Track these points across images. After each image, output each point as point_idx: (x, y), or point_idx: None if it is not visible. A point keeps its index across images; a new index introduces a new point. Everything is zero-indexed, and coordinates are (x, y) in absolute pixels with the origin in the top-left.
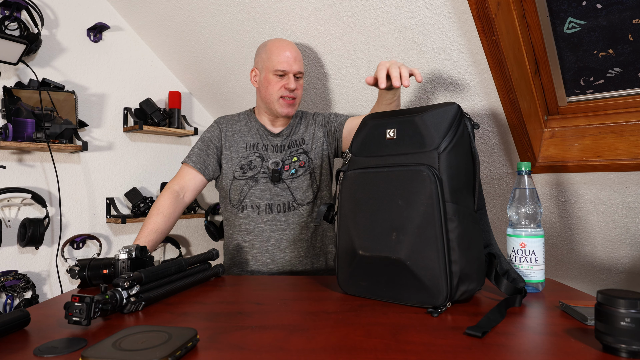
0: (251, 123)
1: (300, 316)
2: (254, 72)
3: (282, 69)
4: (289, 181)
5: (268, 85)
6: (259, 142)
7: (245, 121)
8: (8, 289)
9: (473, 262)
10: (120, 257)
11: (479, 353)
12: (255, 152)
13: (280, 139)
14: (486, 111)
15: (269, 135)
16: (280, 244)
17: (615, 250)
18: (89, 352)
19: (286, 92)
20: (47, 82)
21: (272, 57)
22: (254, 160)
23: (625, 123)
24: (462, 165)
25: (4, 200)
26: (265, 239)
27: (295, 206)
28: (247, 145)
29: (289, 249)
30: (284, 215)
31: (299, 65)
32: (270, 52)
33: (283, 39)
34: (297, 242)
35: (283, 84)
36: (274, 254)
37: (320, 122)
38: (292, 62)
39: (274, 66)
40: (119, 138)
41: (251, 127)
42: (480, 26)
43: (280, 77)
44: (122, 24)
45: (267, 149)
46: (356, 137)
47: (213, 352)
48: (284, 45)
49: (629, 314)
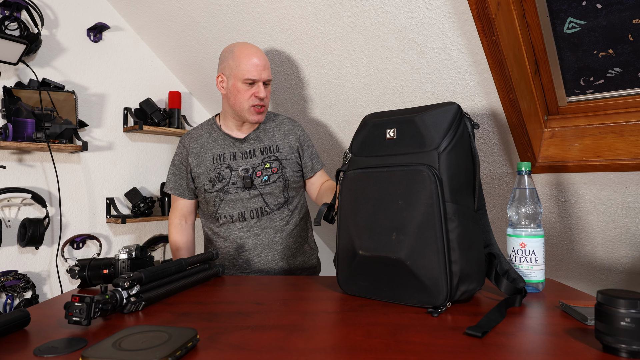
0: (215, 134)
1: (300, 316)
2: (220, 78)
3: (252, 77)
4: (261, 187)
5: (237, 93)
6: (225, 152)
7: (209, 132)
8: (8, 289)
9: (473, 262)
10: (120, 257)
11: (479, 353)
12: (223, 162)
13: (248, 144)
14: (486, 111)
15: (235, 142)
16: (255, 249)
17: (615, 250)
18: (89, 352)
19: (257, 100)
20: (47, 82)
21: (240, 65)
22: (222, 172)
23: (625, 123)
24: (462, 165)
25: (4, 200)
26: (241, 245)
27: (268, 211)
28: (213, 158)
29: (264, 253)
30: (258, 221)
31: (268, 73)
32: (239, 59)
33: (249, 44)
34: (271, 245)
35: (253, 92)
36: (250, 259)
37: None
38: (262, 70)
39: (243, 75)
40: (119, 138)
41: (216, 137)
42: (480, 26)
43: (250, 85)
44: (122, 24)
45: (235, 157)
46: (356, 137)
47: (213, 352)
48: (252, 52)
49: (629, 314)
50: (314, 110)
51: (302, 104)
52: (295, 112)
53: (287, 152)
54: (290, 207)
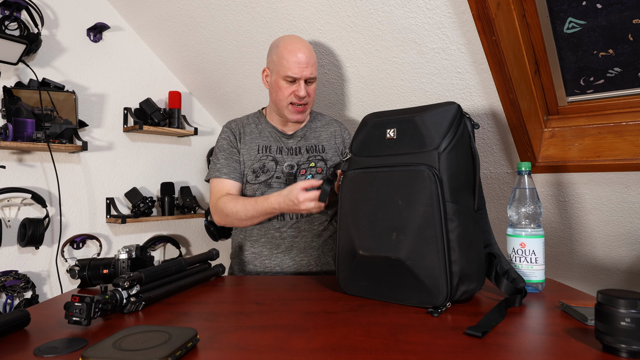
0: (262, 125)
1: (300, 316)
2: (265, 72)
3: (292, 75)
4: None
5: (278, 90)
6: (271, 144)
7: (256, 123)
8: (8, 289)
9: (473, 262)
10: (120, 257)
11: (479, 353)
12: (269, 155)
13: (294, 140)
14: (486, 111)
15: (282, 137)
16: (290, 251)
17: (615, 250)
18: (89, 352)
19: (296, 99)
20: (47, 82)
21: (282, 62)
22: (267, 164)
23: (625, 123)
24: (462, 165)
25: (4, 200)
26: (275, 246)
27: (306, 214)
28: (259, 148)
29: (299, 257)
30: (296, 222)
31: (311, 70)
32: (281, 55)
33: (296, 39)
34: (307, 250)
35: (293, 91)
36: (283, 261)
37: (344, 142)
38: (304, 67)
39: (284, 72)
40: (119, 138)
41: (262, 129)
42: (480, 26)
43: (291, 83)
44: (122, 24)
45: (281, 151)
46: (356, 136)
47: (213, 352)
48: (296, 48)
49: (629, 314)
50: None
51: None
52: None
53: (333, 153)
54: (330, 213)
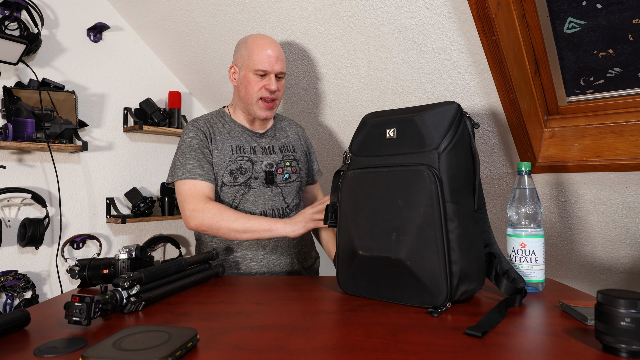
0: (229, 124)
1: (300, 316)
2: (232, 69)
3: (263, 68)
4: (282, 185)
5: (248, 85)
6: (243, 144)
7: (222, 123)
8: (8, 289)
9: (473, 262)
10: (120, 257)
11: (479, 353)
12: (244, 155)
13: (267, 139)
14: (486, 111)
15: (253, 136)
16: (275, 250)
17: (615, 250)
18: (89, 352)
19: (267, 93)
20: (47, 82)
21: (252, 56)
22: (243, 165)
23: (625, 123)
24: (462, 165)
25: (4, 200)
26: (261, 247)
27: (288, 212)
28: (232, 148)
29: (284, 255)
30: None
31: (281, 65)
32: (251, 49)
33: (264, 36)
34: (290, 247)
35: (264, 85)
36: (270, 261)
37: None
38: (274, 61)
39: (255, 65)
40: (119, 138)
41: (230, 128)
42: (480, 26)
43: (261, 77)
44: (122, 24)
45: (254, 151)
46: (356, 136)
47: (213, 352)
48: (265, 43)
49: (629, 314)
50: (313, 111)
51: (302, 104)
52: (295, 112)
53: (301, 154)
54: None
